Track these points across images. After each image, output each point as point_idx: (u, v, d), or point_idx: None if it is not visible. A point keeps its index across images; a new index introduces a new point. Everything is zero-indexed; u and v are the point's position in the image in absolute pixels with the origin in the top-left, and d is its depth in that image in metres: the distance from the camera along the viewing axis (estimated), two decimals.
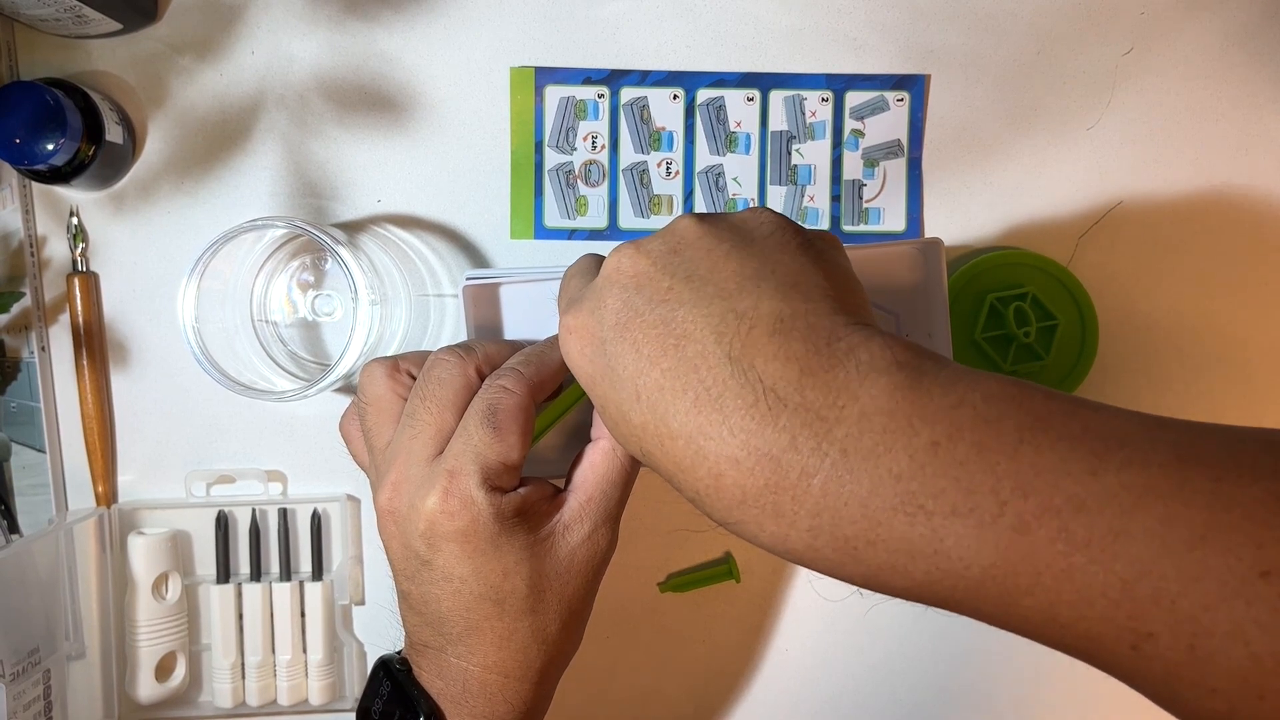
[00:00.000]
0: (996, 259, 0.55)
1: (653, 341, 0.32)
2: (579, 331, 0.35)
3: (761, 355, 0.30)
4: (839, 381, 0.28)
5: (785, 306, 0.31)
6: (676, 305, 0.32)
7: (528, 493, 0.39)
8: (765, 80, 0.55)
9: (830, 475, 0.27)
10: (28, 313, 0.54)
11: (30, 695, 0.49)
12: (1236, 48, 0.55)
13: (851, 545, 0.28)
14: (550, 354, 0.42)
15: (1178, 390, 0.57)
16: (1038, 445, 0.26)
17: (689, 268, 0.33)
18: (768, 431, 0.28)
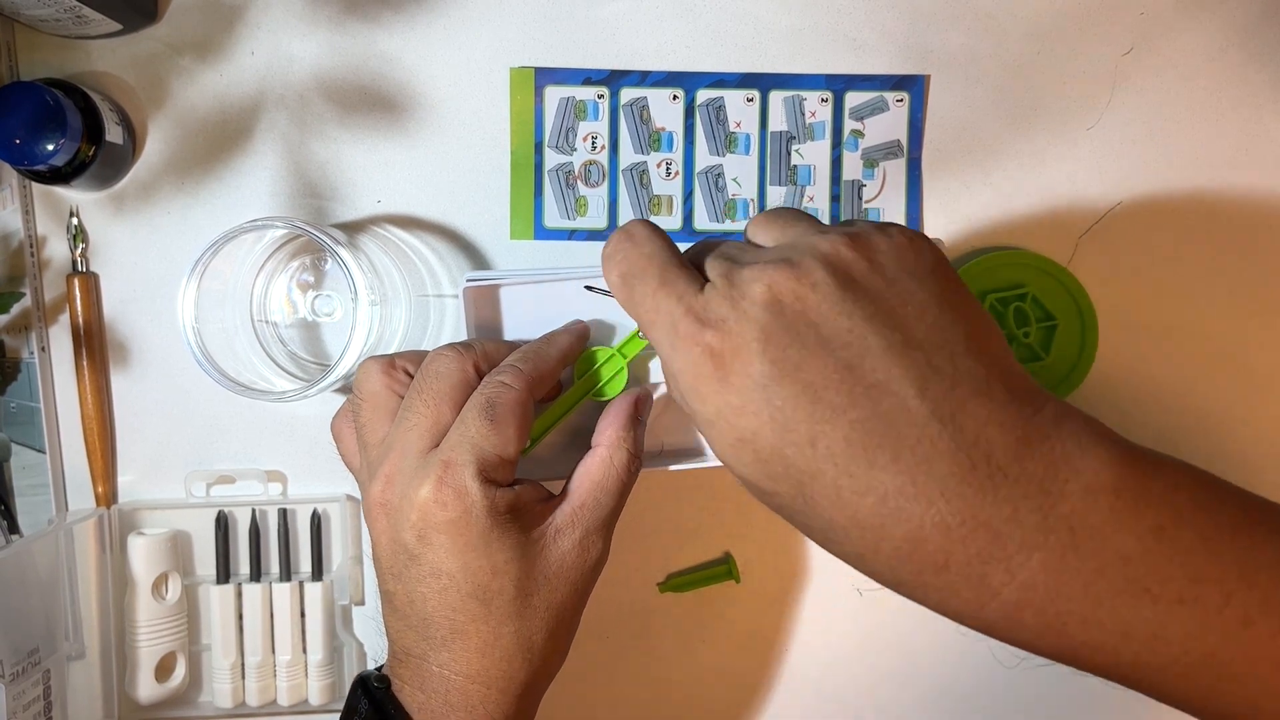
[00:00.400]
0: (996, 259, 0.55)
1: (834, 388, 0.30)
2: (716, 353, 0.31)
3: (973, 418, 0.29)
4: (1057, 454, 0.28)
5: (979, 364, 0.30)
6: (862, 352, 0.30)
7: (522, 490, 0.39)
8: (765, 81, 0.55)
9: (1054, 552, 0.27)
10: (28, 313, 0.54)
11: (30, 695, 0.49)
12: (1236, 48, 0.55)
13: (1061, 621, 0.28)
14: (549, 350, 0.42)
15: (1177, 390, 0.57)
16: (1253, 537, 0.27)
17: (866, 308, 0.30)
18: (987, 501, 0.28)
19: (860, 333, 0.30)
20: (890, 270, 0.31)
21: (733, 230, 0.55)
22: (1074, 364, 0.55)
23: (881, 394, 0.29)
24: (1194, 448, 0.57)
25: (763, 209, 0.55)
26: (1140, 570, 0.27)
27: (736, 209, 0.56)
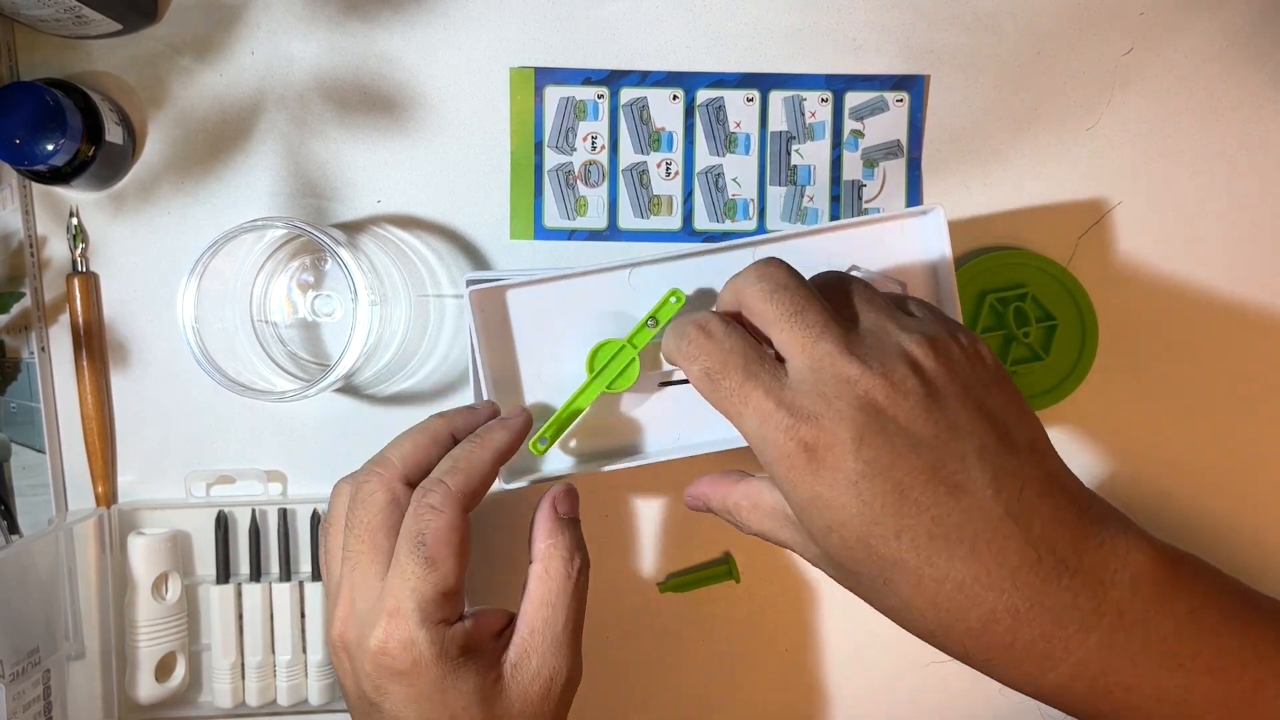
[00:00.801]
0: (996, 259, 0.55)
1: (922, 486, 0.33)
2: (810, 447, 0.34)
3: (1039, 517, 0.33)
4: (1107, 548, 0.33)
5: (1038, 466, 0.34)
6: (945, 455, 0.33)
7: (473, 627, 0.38)
8: (765, 81, 0.55)
9: (1106, 633, 0.32)
10: (28, 313, 0.54)
11: (30, 695, 0.49)
12: (1236, 48, 0.55)
13: (1108, 689, 0.33)
14: (480, 456, 0.40)
15: (1177, 390, 0.57)
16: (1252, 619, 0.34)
17: (950, 417, 0.34)
18: (1052, 589, 0.32)
19: (944, 438, 0.33)
20: (964, 377, 0.35)
21: (732, 230, 0.55)
22: (1074, 364, 0.55)
23: (961, 493, 0.33)
24: (1193, 447, 0.57)
25: (762, 209, 0.55)
26: (1175, 646, 0.32)
27: (736, 209, 0.56)
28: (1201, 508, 0.57)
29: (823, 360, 0.34)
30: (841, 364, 0.34)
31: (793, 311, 0.36)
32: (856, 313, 0.37)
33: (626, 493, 0.56)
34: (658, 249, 0.52)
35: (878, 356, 0.34)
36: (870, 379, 0.34)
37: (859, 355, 0.34)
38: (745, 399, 0.35)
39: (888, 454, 0.33)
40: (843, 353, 0.34)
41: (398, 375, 0.56)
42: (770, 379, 0.35)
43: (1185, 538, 0.57)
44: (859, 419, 0.33)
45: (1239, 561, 0.57)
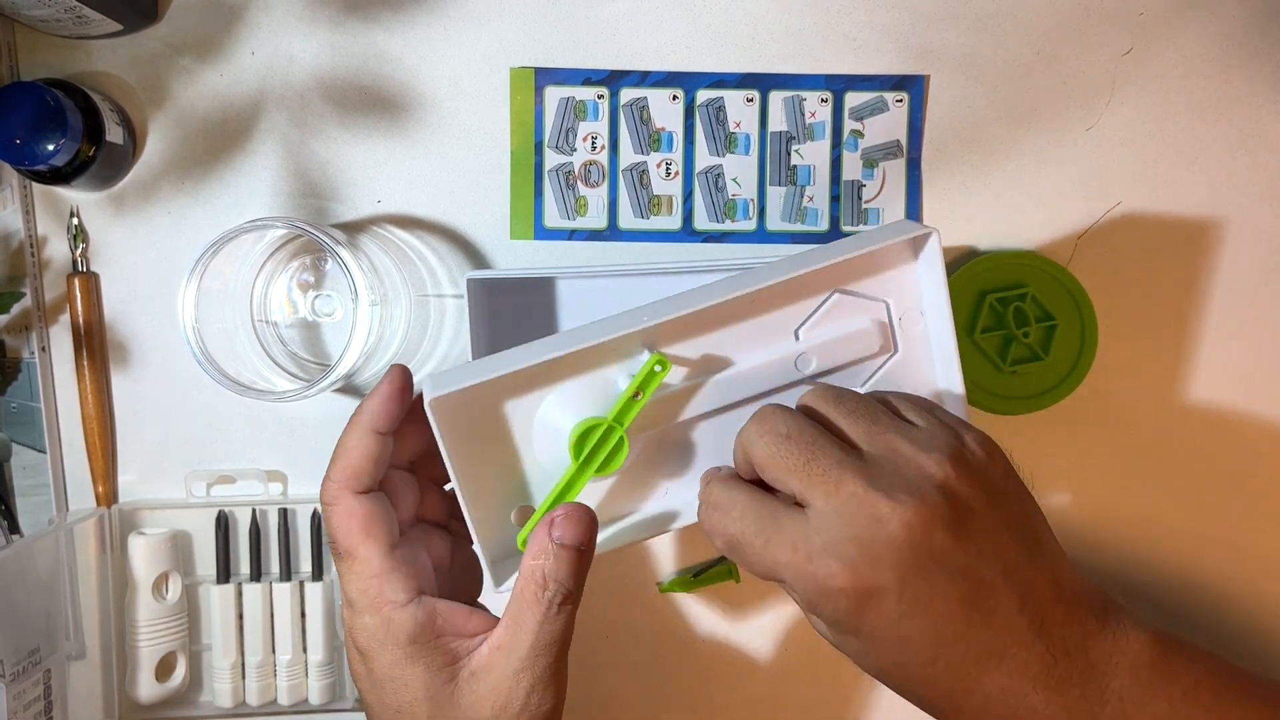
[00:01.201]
0: (996, 259, 0.55)
1: (959, 615, 0.34)
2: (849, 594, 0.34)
3: (1056, 623, 0.35)
4: (1110, 640, 0.35)
5: (1052, 571, 0.36)
6: (978, 582, 0.34)
7: (424, 617, 0.37)
8: (765, 81, 0.55)
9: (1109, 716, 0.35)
10: (28, 313, 0.54)
11: (30, 695, 0.49)
12: (1235, 48, 0.55)
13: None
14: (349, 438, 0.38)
15: (1177, 390, 0.57)
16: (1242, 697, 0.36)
17: (978, 540, 0.35)
18: (1065, 687, 0.34)
19: (975, 564, 0.34)
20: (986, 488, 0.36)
21: (731, 230, 0.55)
22: (1074, 364, 0.55)
23: (992, 614, 0.34)
24: (1193, 446, 0.57)
25: (762, 209, 0.55)
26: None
27: (736, 209, 0.56)
28: (1201, 506, 0.57)
29: (848, 503, 0.34)
30: (869, 503, 0.34)
31: (805, 460, 0.36)
32: (861, 435, 0.37)
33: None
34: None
35: (902, 487, 0.34)
36: (902, 513, 0.34)
37: (883, 489, 0.34)
38: (775, 560, 0.35)
39: (927, 591, 0.34)
40: (867, 490, 0.34)
41: None
42: (795, 531, 0.35)
43: (1186, 536, 0.57)
44: (899, 560, 0.34)
45: (1236, 558, 0.57)
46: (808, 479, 0.35)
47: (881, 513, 0.34)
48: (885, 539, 0.34)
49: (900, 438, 0.36)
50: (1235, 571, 0.57)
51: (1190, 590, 0.58)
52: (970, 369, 0.55)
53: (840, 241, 0.42)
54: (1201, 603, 0.58)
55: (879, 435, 0.37)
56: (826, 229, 0.56)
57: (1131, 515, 0.57)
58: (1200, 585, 0.57)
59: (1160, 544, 0.57)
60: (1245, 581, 0.58)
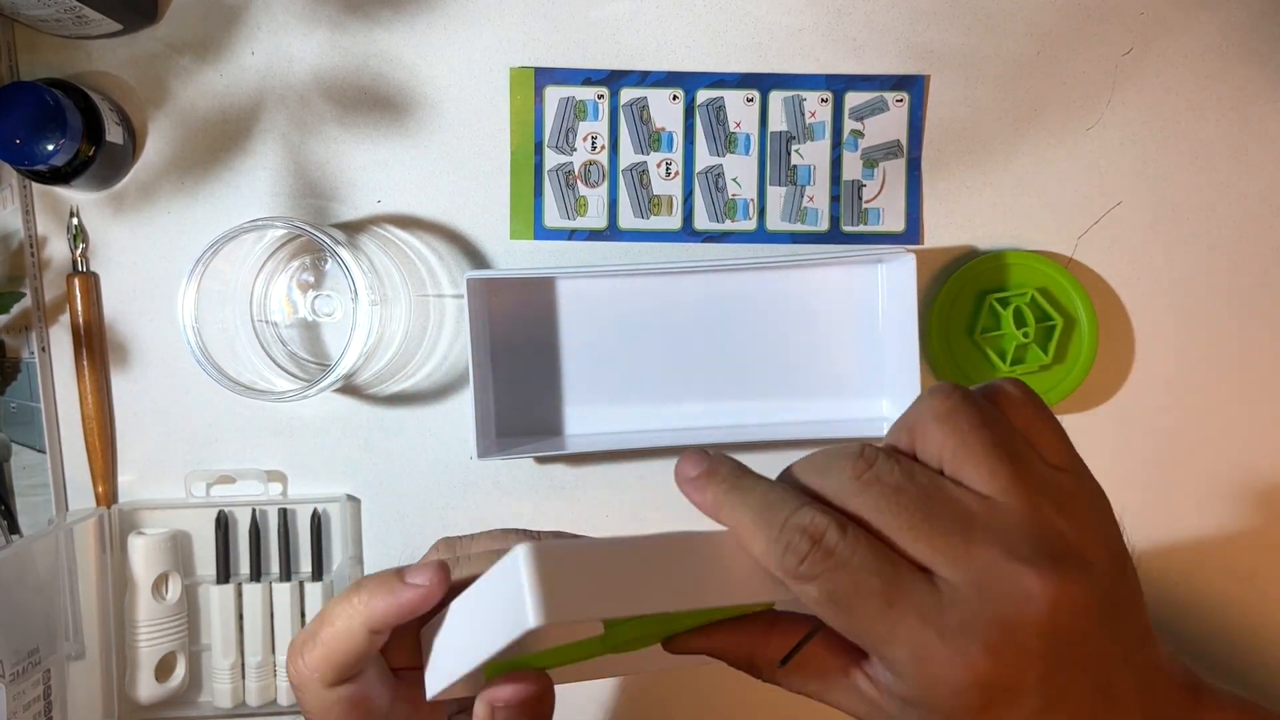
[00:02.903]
0: (996, 259, 0.55)
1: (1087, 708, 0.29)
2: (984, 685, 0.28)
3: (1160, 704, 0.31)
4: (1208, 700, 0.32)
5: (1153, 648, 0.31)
6: (1109, 670, 0.29)
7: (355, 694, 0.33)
8: (765, 81, 0.55)
9: None
10: (28, 313, 0.54)
11: (30, 695, 0.49)
12: (1235, 47, 0.55)
13: None
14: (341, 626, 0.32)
15: (1177, 389, 0.57)
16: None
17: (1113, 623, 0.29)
18: None
19: (1109, 650, 0.29)
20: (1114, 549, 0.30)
21: (731, 230, 0.55)
22: (1074, 364, 0.55)
23: (1113, 704, 0.29)
24: (1193, 446, 0.57)
25: (762, 209, 0.55)
26: None
27: (736, 209, 0.56)
28: (1201, 505, 0.57)
29: (985, 574, 0.28)
30: (1012, 577, 0.28)
31: (925, 516, 0.29)
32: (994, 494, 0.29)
33: (631, 490, 0.56)
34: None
35: (1047, 552, 0.28)
36: (1052, 593, 0.28)
37: (1026, 557, 0.28)
38: (893, 629, 0.28)
39: (1067, 686, 0.28)
40: (1007, 560, 0.28)
41: (398, 375, 0.56)
42: (924, 599, 0.28)
43: (1185, 534, 0.57)
44: (1046, 651, 0.28)
45: (1236, 557, 0.57)
46: (929, 543, 0.28)
47: (1030, 590, 0.28)
48: (1034, 624, 0.28)
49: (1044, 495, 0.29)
50: (1235, 571, 0.57)
51: (1190, 590, 0.57)
52: (970, 369, 0.55)
53: None
54: (1201, 602, 0.58)
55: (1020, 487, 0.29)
56: (826, 229, 0.56)
57: (1132, 514, 0.57)
58: (1200, 585, 0.57)
59: (1160, 543, 0.57)
60: (1246, 580, 0.58)
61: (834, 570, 0.28)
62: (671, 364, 0.55)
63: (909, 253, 0.51)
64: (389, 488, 0.56)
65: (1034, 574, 0.28)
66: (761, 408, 0.56)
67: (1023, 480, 0.29)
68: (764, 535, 0.29)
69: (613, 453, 0.56)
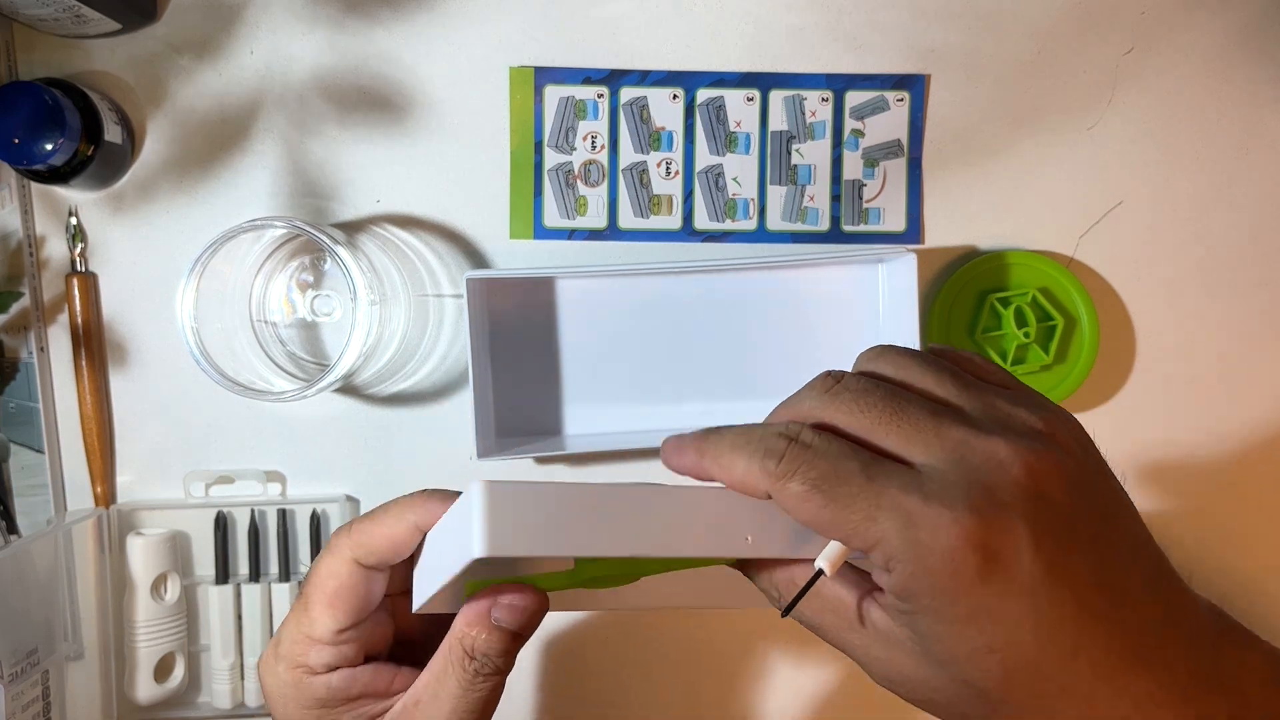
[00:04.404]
0: (996, 259, 0.55)
1: (1094, 592, 0.28)
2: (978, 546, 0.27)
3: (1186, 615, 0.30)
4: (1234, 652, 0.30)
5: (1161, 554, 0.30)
6: (1107, 551, 0.29)
7: (339, 684, 0.35)
8: (765, 80, 0.55)
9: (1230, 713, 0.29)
10: (26, 313, 0.54)
11: (29, 696, 0.49)
12: (1237, 47, 0.55)
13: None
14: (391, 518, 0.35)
15: (1177, 391, 0.57)
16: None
17: (1102, 509, 0.30)
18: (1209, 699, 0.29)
19: (1101, 530, 0.29)
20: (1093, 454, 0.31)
21: (732, 230, 0.55)
22: (1075, 364, 0.55)
23: (1125, 597, 0.29)
24: (1193, 446, 0.57)
25: (763, 208, 0.55)
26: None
27: (737, 208, 0.55)
28: (1202, 503, 0.57)
29: (960, 448, 0.29)
30: (986, 444, 0.28)
31: (893, 411, 0.30)
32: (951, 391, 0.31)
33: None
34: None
35: (1015, 434, 0.29)
36: (1025, 457, 0.28)
37: (995, 432, 0.29)
38: (876, 502, 0.28)
39: (1062, 553, 0.28)
40: (976, 437, 0.29)
41: (397, 375, 0.56)
42: (901, 473, 0.29)
43: (1186, 532, 0.57)
44: (1029, 512, 0.28)
45: (1235, 555, 0.57)
46: (903, 430, 0.29)
47: (1000, 455, 0.28)
48: (1010, 484, 0.28)
49: (995, 396, 0.31)
50: (1234, 570, 0.57)
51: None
52: None
53: None
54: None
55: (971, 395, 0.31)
56: (827, 228, 0.56)
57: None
58: (1200, 586, 0.57)
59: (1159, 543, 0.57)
60: (1245, 580, 0.57)
61: (812, 459, 0.29)
62: (671, 364, 0.55)
63: (910, 252, 0.51)
64: (388, 488, 0.56)
65: (1004, 443, 0.28)
66: (762, 408, 0.55)
67: (970, 387, 0.31)
68: (744, 454, 0.30)
69: (612, 453, 0.56)
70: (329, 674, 0.35)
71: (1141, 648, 0.28)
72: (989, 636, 0.28)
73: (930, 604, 0.28)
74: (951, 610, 0.28)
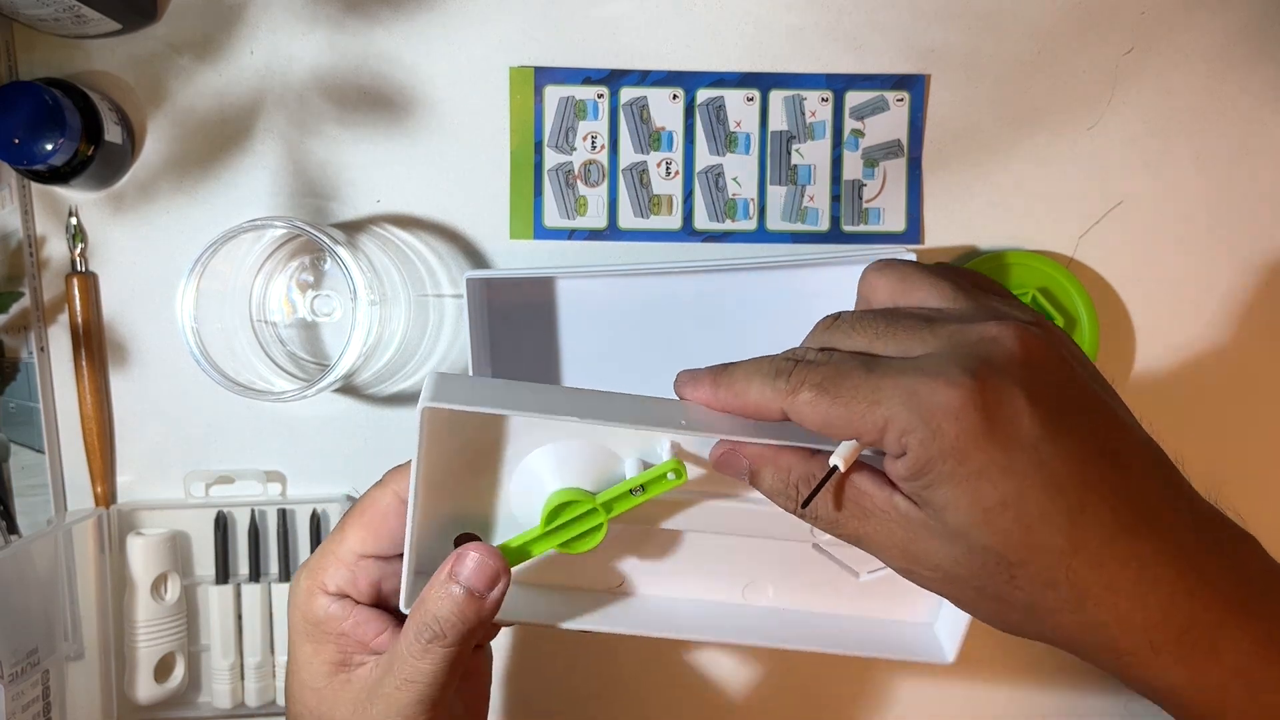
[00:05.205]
0: (996, 259, 0.55)
1: (1096, 453, 0.29)
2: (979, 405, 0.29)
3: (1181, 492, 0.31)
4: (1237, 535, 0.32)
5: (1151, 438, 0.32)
6: (1101, 419, 0.30)
7: (336, 610, 0.37)
8: (765, 80, 0.55)
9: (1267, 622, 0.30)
10: (26, 313, 0.54)
11: (29, 696, 0.49)
12: (1237, 47, 0.55)
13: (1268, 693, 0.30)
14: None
15: (1178, 391, 0.57)
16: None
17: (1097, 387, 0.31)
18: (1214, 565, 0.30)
19: (1100, 401, 0.31)
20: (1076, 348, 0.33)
21: (732, 230, 0.55)
22: None
23: (1128, 463, 0.30)
24: (1193, 446, 0.57)
25: (763, 209, 0.55)
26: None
27: (736, 208, 0.55)
28: None
29: (953, 335, 0.30)
30: (977, 328, 0.30)
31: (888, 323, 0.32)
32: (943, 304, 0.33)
33: None
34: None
35: (1004, 319, 0.31)
36: (1018, 331, 0.30)
37: (986, 319, 0.31)
38: (878, 386, 0.30)
39: (1059, 415, 0.29)
40: (969, 324, 0.31)
41: (397, 375, 0.56)
42: (901, 361, 0.31)
43: None
44: (1025, 377, 0.29)
45: None
46: (896, 340, 0.31)
47: (992, 333, 0.30)
48: (1004, 355, 0.29)
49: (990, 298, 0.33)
50: None
51: None
52: None
53: None
54: None
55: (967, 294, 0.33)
56: (827, 229, 0.56)
57: None
58: None
59: None
60: None
61: (817, 369, 0.31)
62: (671, 364, 0.55)
63: (910, 253, 0.51)
64: None
65: (995, 323, 0.30)
66: None
67: (966, 290, 0.33)
68: (756, 380, 0.33)
69: None
70: (332, 599, 0.38)
71: (1144, 511, 0.30)
72: (1001, 490, 0.29)
73: (943, 469, 0.29)
74: (963, 469, 0.29)
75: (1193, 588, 0.29)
